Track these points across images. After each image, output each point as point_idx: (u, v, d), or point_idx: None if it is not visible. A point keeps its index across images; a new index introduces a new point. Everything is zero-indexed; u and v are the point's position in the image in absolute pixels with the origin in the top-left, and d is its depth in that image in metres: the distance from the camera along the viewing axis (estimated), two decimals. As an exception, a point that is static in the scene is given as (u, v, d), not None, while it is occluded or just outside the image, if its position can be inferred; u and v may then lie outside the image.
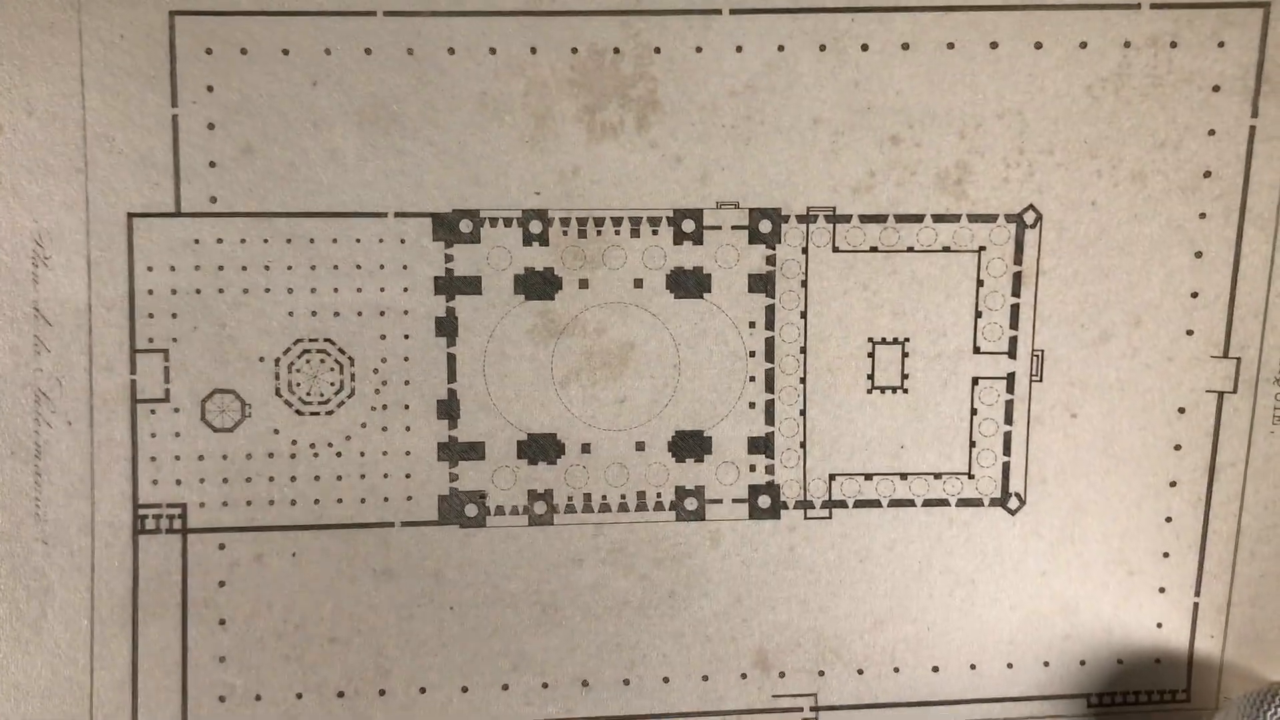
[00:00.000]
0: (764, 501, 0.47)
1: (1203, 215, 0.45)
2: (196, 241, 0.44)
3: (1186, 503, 0.47)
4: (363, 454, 0.45)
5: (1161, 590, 0.48)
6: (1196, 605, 0.48)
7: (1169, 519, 0.47)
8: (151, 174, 0.43)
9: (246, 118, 0.43)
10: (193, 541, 0.45)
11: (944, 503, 0.47)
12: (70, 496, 0.44)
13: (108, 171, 0.43)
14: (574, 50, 0.44)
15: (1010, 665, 0.48)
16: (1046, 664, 0.48)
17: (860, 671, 0.47)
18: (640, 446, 0.46)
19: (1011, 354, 0.46)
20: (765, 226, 0.45)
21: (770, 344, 0.46)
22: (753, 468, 0.47)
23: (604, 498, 0.46)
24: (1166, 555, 0.48)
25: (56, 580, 0.44)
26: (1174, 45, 0.44)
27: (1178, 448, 0.47)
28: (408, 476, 0.45)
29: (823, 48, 0.44)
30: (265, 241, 0.44)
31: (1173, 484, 0.47)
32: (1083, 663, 0.48)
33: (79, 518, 0.44)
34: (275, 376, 0.45)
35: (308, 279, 0.44)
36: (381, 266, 0.45)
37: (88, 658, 0.44)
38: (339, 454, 0.45)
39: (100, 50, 0.42)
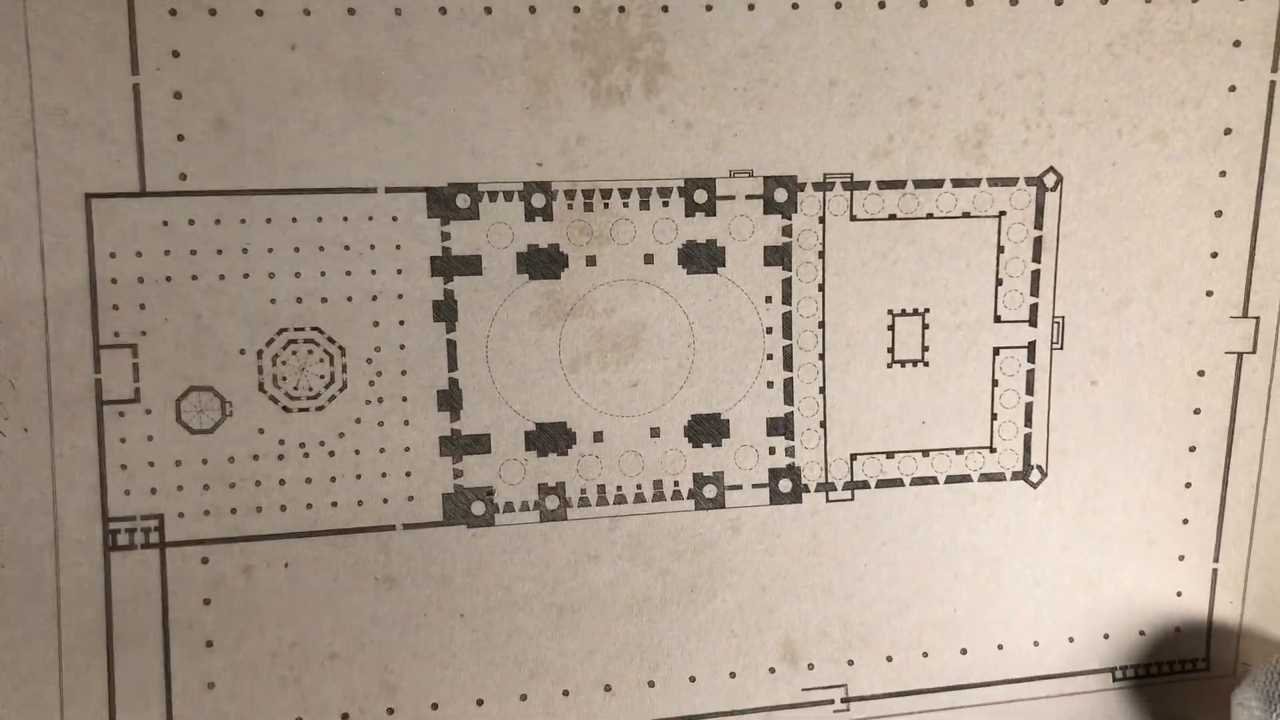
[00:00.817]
0: (785, 486, 0.44)
1: (1223, 173, 0.44)
2: (165, 224, 0.39)
3: (1206, 467, 0.47)
4: (358, 452, 0.41)
5: (1181, 558, 0.47)
6: (1215, 571, 0.47)
7: (1188, 484, 0.47)
8: (111, 150, 0.38)
9: (217, 86, 0.39)
10: (172, 556, 0.40)
11: (966, 479, 0.45)
12: (29, 512, 0.39)
13: (61, 148, 0.38)
14: (576, 9, 0.41)
15: (1036, 643, 0.46)
16: (1071, 639, 0.47)
17: (889, 659, 0.45)
18: (655, 432, 0.43)
19: (1032, 322, 0.45)
20: (781, 195, 0.43)
21: (787, 319, 0.44)
22: (772, 450, 0.44)
23: (619, 488, 0.43)
24: (1186, 522, 0.47)
25: (17, 606, 0.39)
26: (1194, 0, 0.43)
27: (1197, 411, 0.46)
28: (408, 475, 0.42)
29: (838, 5, 0.42)
30: (242, 222, 0.40)
31: (1192, 449, 0.46)
32: (1106, 636, 0.47)
33: (41, 535, 0.39)
34: (258, 370, 0.40)
35: (291, 262, 0.40)
36: (372, 247, 0.41)
37: (57, 692, 0.40)
38: (332, 453, 0.41)
39: (47, 11, 0.38)
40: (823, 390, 0.44)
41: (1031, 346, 0.45)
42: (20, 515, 0.39)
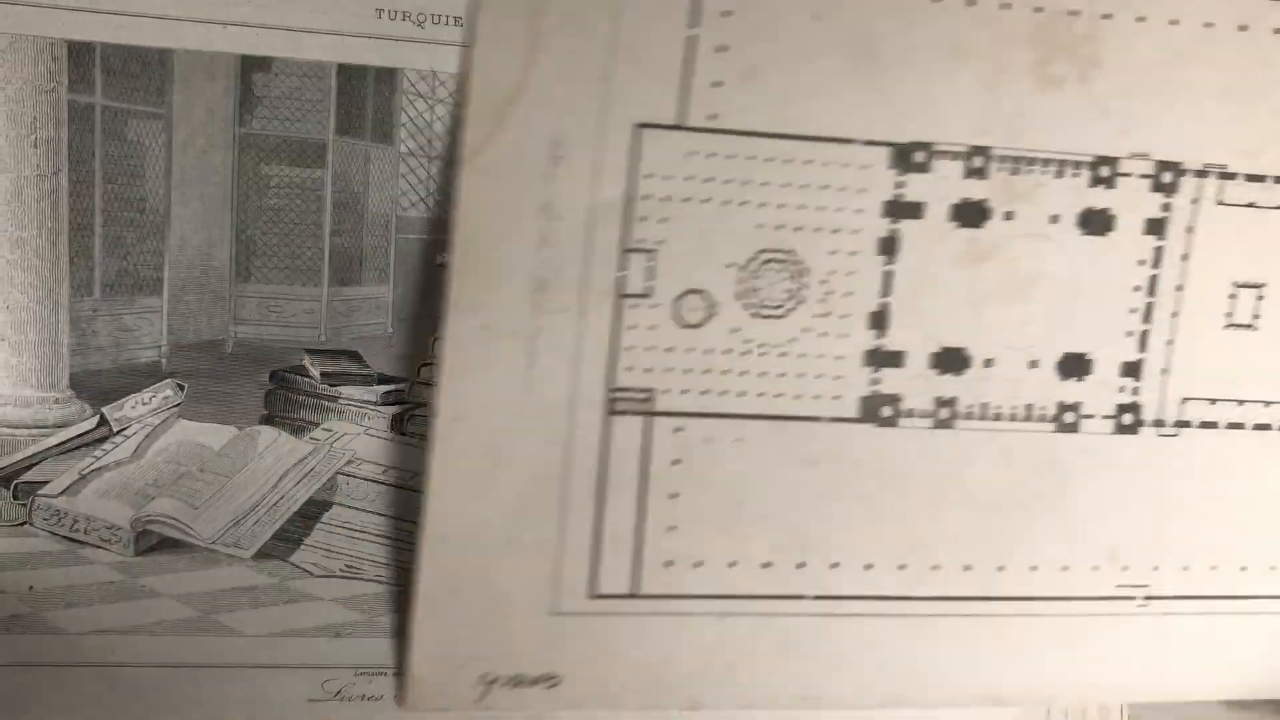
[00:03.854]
0: (1127, 419, 0.53)
1: None
2: (691, 154, 0.47)
3: None
4: (802, 355, 0.50)
5: None
6: None
7: None
8: (663, 89, 0.46)
9: (755, 43, 0.46)
10: (656, 424, 0.50)
11: (1285, 428, 0.55)
12: (554, 376, 0.48)
13: (625, 83, 0.46)
14: (1038, 9, 0.48)
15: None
16: None
17: (1186, 568, 0.55)
18: (1034, 364, 0.52)
19: None
20: (1166, 178, 0.51)
21: (1153, 281, 0.52)
22: (1121, 389, 0.53)
23: (999, 407, 0.52)
24: None
25: (533, 453, 0.49)
26: None
27: None
28: (837, 378, 0.51)
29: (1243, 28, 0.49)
30: (749, 158, 0.48)
31: None
32: None
33: (561, 395, 0.48)
34: (739, 281, 0.49)
35: (778, 195, 0.48)
36: (842, 189, 0.49)
37: (555, 525, 0.49)
38: (783, 354, 0.50)
39: (628, -15, 0.45)
40: (1170, 343, 0.53)
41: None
42: (548, 378, 0.48)
